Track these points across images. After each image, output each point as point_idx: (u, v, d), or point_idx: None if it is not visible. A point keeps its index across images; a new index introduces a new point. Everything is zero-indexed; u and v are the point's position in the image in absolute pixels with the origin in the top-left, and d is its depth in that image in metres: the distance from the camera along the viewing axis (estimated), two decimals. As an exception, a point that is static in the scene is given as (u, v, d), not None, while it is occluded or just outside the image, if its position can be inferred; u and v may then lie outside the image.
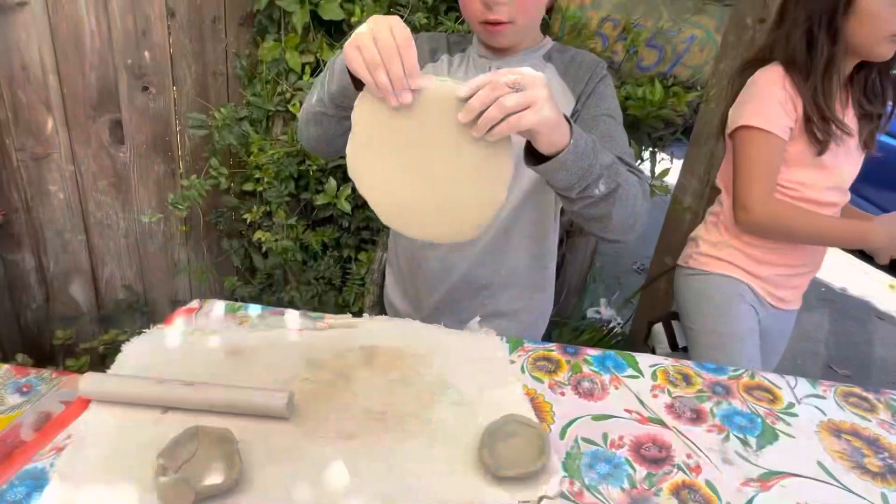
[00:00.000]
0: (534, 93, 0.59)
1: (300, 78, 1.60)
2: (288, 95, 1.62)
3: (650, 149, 1.98)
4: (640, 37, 1.61)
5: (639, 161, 1.94)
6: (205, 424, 0.58)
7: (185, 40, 1.71)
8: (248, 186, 1.75)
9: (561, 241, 2.01)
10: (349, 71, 0.68)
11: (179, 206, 1.74)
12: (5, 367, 0.92)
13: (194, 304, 0.84)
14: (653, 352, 1.31)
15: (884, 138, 3.55)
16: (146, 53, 1.72)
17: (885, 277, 3.75)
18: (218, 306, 0.84)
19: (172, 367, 0.69)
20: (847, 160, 1.12)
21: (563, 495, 0.57)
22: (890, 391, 0.80)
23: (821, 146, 1.07)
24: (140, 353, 0.72)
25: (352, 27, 1.52)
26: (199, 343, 0.75)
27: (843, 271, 3.73)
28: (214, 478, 0.53)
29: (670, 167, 1.75)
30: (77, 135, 1.81)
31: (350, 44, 0.63)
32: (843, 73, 1.08)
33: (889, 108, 1.12)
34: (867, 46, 1.02)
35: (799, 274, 1.19)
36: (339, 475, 0.56)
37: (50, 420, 0.65)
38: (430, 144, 0.64)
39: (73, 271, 2.04)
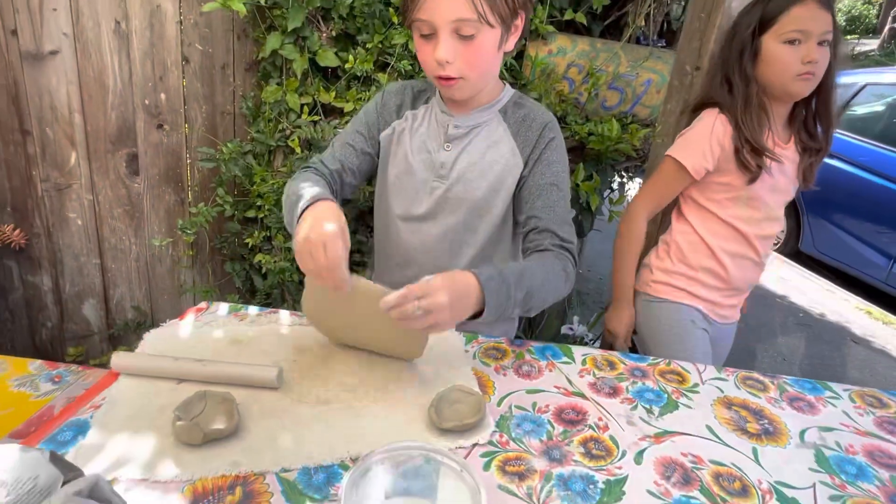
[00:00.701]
0: (433, 301, 0.72)
1: (299, 117, 1.80)
2: (288, 132, 1.82)
3: (618, 179, 2.17)
4: (600, 80, 1.81)
5: (607, 191, 2.12)
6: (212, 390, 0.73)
7: (197, 84, 1.92)
8: (251, 213, 1.93)
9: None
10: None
11: (188, 231, 1.91)
12: (38, 361, 1.08)
13: (203, 305, 1.00)
14: None
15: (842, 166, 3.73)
16: (162, 95, 1.93)
17: (864, 304, 3.89)
18: (223, 307, 1.00)
19: (185, 351, 0.84)
20: (774, 194, 1.24)
21: (492, 443, 0.72)
22: (784, 377, 0.96)
23: (751, 175, 1.20)
24: (158, 339, 0.88)
25: (346, 73, 1.73)
26: (207, 334, 0.91)
27: (823, 298, 3.88)
28: (218, 425, 0.68)
29: (625, 194, 1.93)
30: (97, 167, 2.00)
31: (297, 250, 0.77)
32: (772, 111, 1.21)
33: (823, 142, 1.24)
34: (779, 86, 1.16)
35: (733, 295, 1.32)
36: (315, 427, 0.72)
37: (91, 386, 0.80)
38: (362, 317, 0.81)
39: (86, 293, 2.21)
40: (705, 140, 1.21)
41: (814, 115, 1.21)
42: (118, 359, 0.79)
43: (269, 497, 0.61)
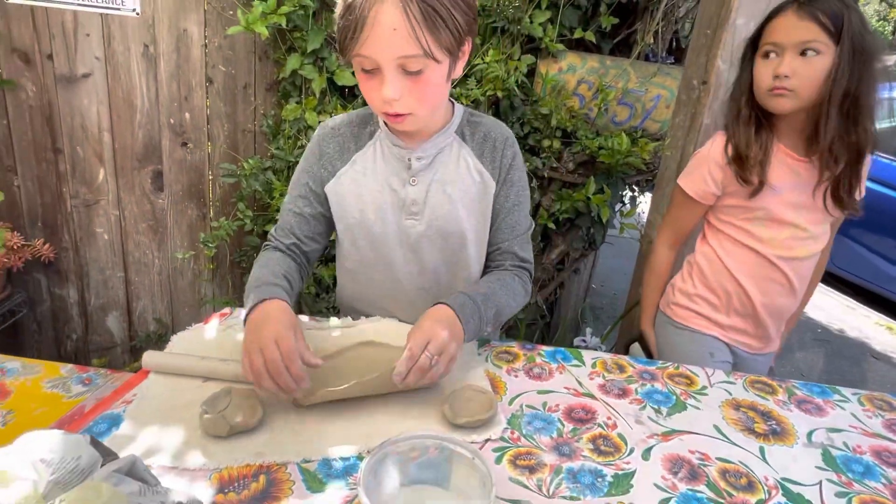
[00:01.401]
0: (438, 342, 0.77)
1: (317, 133, 1.86)
2: (306, 148, 1.88)
3: (629, 193, 2.20)
4: (610, 96, 1.85)
5: (618, 205, 2.15)
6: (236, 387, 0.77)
7: (220, 103, 2.00)
8: (269, 227, 1.98)
9: (551, 281, 2.20)
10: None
11: (210, 245, 1.97)
12: (70, 365, 1.13)
13: (226, 310, 1.05)
14: None
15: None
16: (187, 114, 2.01)
17: (885, 320, 3.84)
18: (244, 312, 1.04)
19: (210, 352, 0.88)
20: (796, 212, 1.15)
21: (503, 439, 0.75)
22: (793, 381, 0.97)
23: (747, 185, 1.14)
24: (184, 341, 0.92)
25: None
26: (230, 336, 0.95)
27: (842, 314, 3.83)
28: (243, 418, 0.72)
29: (636, 207, 1.96)
30: (124, 183, 2.09)
31: (244, 353, 0.75)
32: (782, 122, 1.13)
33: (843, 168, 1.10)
34: (762, 101, 1.11)
35: (761, 324, 1.23)
36: (334, 422, 0.75)
37: (121, 384, 0.85)
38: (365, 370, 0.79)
39: (111, 305, 2.28)
40: (703, 164, 1.20)
41: (835, 126, 1.07)
42: (149, 357, 0.84)
43: (290, 485, 0.64)
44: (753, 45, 1.13)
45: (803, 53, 1.04)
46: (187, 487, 0.62)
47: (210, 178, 2.10)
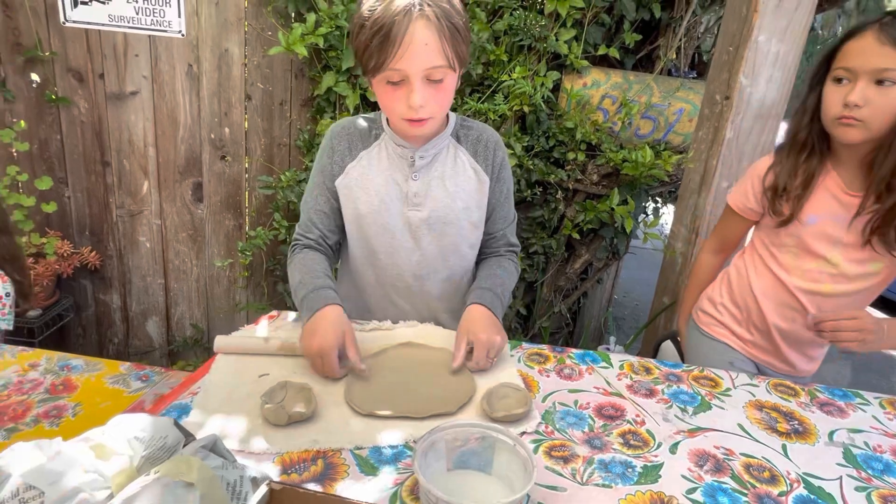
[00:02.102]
0: (497, 345, 0.94)
1: (350, 147, 1.95)
2: (340, 161, 1.97)
3: (652, 204, 2.24)
4: (633, 110, 1.90)
5: (641, 216, 2.19)
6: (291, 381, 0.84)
7: (257, 119, 2.10)
8: (303, 237, 2.07)
9: (575, 290, 2.25)
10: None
11: (246, 253, 2.07)
12: (127, 363, 1.21)
13: (274, 313, 1.12)
14: None
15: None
16: (226, 129, 2.11)
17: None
18: (291, 315, 1.12)
19: (264, 346, 0.96)
20: (832, 248, 1.09)
21: (538, 432, 0.80)
22: (815, 384, 1.01)
23: (776, 216, 1.12)
24: (238, 335, 1.00)
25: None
26: (279, 335, 1.02)
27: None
28: (300, 409, 0.78)
29: (659, 217, 2.00)
30: (166, 195, 2.20)
31: (308, 358, 0.91)
32: (842, 153, 1.06)
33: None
34: (828, 127, 1.04)
35: (778, 350, 1.20)
36: (381, 414, 0.81)
37: (187, 377, 0.92)
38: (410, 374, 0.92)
39: (150, 311, 2.38)
40: (748, 179, 1.19)
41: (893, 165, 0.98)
42: (220, 341, 0.93)
43: (346, 468, 0.70)
44: (826, 66, 1.03)
45: (879, 82, 0.94)
46: (256, 466, 0.69)
47: (247, 189, 2.20)
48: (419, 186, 1.06)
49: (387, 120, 1.06)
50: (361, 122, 1.09)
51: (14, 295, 1.66)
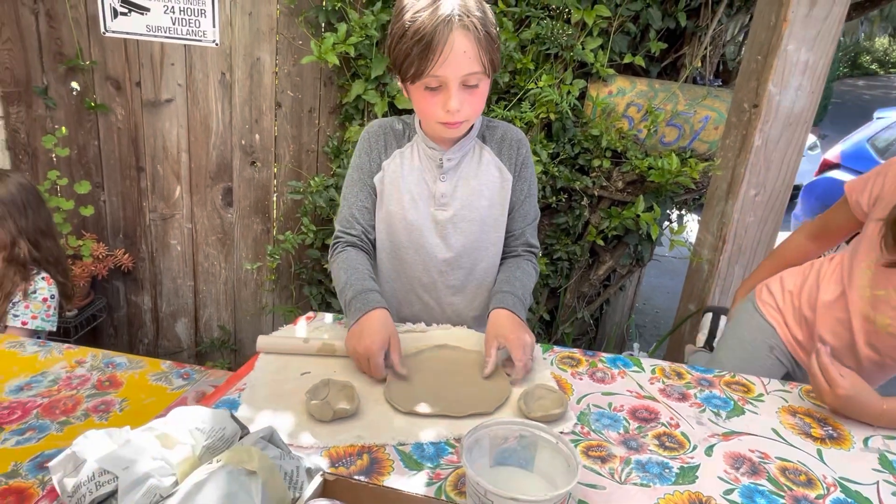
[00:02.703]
0: (529, 343, 0.95)
1: (378, 154, 1.99)
2: (367, 167, 2.01)
3: (676, 211, 2.24)
4: (659, 118, 1.92)
5: (666, 223, 2.20)
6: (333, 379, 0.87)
7: (287, 126, 2.16)
8: (330, 241, 2.11)
9: (598, 297, 2.26)
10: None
11: (275, 257, 2.11)
12: (168, 361, 1.25)
13: (311, 314, 1.16)
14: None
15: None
16: (257, 136, 2.17)
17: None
18: (328, 316, 1.15)
19: (304, 346, 0.99)
20: None
21: (574, 433, 0.82)
22: (848, 391, 1.01)
23: (888, 252, 1.01)
24: (281, 334, 1.03)
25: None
26: (320, 336, 1.05)
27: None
28: (344, 405, 0.81)
29: (687, 224, 2.01)
30: (197, 199, 2.25)
31: (353, 358, 0.94)
32: None
33: None
34: None
35: (811, 348, 1.06)
36: (421, 412, 0.84)
37: (232, 374, 0.96)
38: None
39: (180, 312, 2.44)
40: (875, 176, 1.09)
41: None
42: (262, 341, 0.96)
43: (391, 463, 0.73)
44: None
45: None
46: (306, 459, 0.72)
47: (275, 195, 2.25)
48: (446, 187, 1.10)
49: (419, 122, 1.10)
50: (396, 123, 1.14)
51: (58, 296, 1.72)
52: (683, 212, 2.34)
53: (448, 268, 1.14)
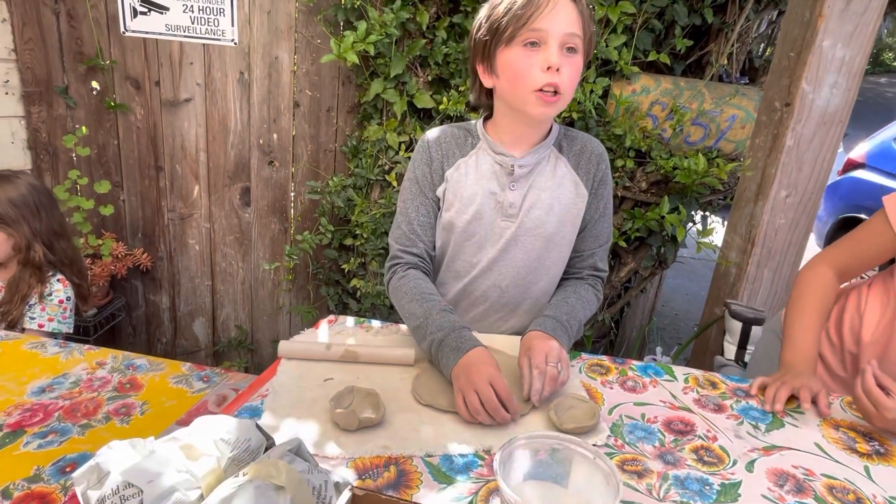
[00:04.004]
0: (565, 359, 0.89)
1: (397, 153, 1.96)
2: (387, 167, 1.99)
3: (700, 213, 2.19)
4: (685, 117, 1.87)
5: (690, 225, 2.15)
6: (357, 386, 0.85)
7: (305, 125, 2.14)
8: (348, 241, 2.10)
9: (619, 299, 2.22)
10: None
11: (293, 257, 2.10)
12: (188, 364, 1.24)
13: (332, 317, 1.13)
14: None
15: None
16: (275, 135, 2.16)
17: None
18: (349, 320, 1.13)
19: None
20: None
21: (608, 445, 0.79)
22: (892, 403, 0.96)
23: None
24: (301, 339, 1.01)
25: (440, 113, 1.89)
26: (342, 340, 1.03)
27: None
28: (370, 414, 0.79)
29: (714, 227, 1.96)
30: (215, 199, 2.25)
31: (456, 392, 0.83)
32: None
33: None
34: None
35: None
36: (449, 422, 0.81)
37: (254, 379, 0.94)
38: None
39: (197, 312, 2.44)
40: None
41: None
42: (283, 346, 0.94)
43: (419, 475, 0.70)
44: None
45: None
46: (333, 470, 0.70)
47: (293, 195, 2.24)
48: (515, 197, 1.03)
49: (483, 128, 1.05)
50: (456, 130, 1.08)
51: (74, 298, 1.72)
52: (707, 213, 2.29)
53: (504, 283, 1.08)
